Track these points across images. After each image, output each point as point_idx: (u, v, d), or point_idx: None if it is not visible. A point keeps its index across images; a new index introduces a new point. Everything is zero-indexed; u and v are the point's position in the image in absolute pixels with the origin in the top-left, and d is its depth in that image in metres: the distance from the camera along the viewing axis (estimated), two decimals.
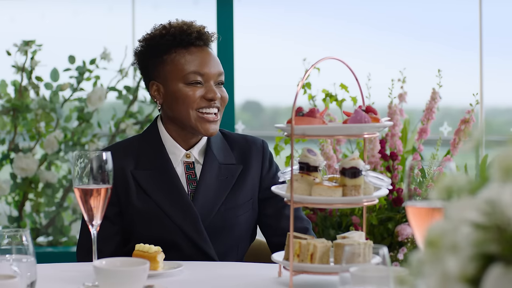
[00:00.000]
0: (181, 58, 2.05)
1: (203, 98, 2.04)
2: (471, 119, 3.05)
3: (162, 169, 2.06)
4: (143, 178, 2.05)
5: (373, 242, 1.62)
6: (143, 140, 2.11)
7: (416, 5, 4.14)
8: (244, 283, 1.72)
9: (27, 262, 1.44)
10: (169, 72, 2.05)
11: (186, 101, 2.03)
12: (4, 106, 3.80)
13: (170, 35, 2.05)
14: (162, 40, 2.06)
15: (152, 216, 2.02)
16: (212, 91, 2.04)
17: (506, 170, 0.85)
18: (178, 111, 2.04)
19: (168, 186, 2.04)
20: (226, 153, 2.12)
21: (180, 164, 2.09)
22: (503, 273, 0.80)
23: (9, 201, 3.85)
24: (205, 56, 2.06)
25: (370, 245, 1.51)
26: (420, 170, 1.51)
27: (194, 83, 2.04)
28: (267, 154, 2.16)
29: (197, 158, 2.10)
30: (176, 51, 2.05)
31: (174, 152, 2.08)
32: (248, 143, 2.15)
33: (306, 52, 3.45)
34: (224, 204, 2.06)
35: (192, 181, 2.08)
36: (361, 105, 1.69)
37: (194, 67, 2.04)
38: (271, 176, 2.14)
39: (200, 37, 2.07)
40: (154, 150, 2.08)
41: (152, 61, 2.08)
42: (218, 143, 2.12)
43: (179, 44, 2.05)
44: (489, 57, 3.62)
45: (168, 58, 2.05)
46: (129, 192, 2.04)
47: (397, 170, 3.04)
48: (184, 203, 2.03)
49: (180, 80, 2.04)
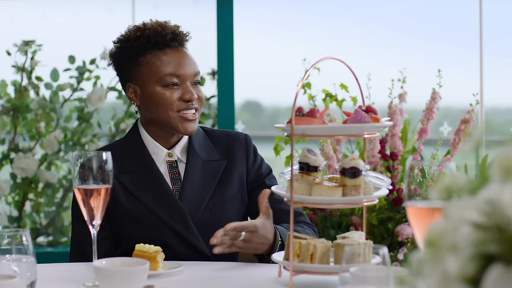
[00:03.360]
0: (156, 60, 2.05)
1: (181, 99, 2.05)
2: (471, 119, 3.05)
3: (146, 170, 2.08)
4: (128, 180, 2.06)
5: (373, 242, 1.62)
6: (125, 144, 2.13)
7: (416, 5, 4.14)
8: (244, 283, 1.73)
9: (27, 262, 1.44)
10: (145, 74, 2.06)
11: (164, 103, 2.04)
12: (4, 106, 3.80)
13: (145, 36, 2.06)
14: (137, 42, 2.07)
15: (141, 217, 2.04)
16: (189, 92, 2.05)
17: (506, 170, 0.85)
18: (157, 113, 2.06)
19: (153, 186, 2.06)
20: (209, 149, 2.14)
21: (163, 164, 2.10)
22: (503, 273, 0.80)
23: (9, 201, 3.85)
24: (180, 57, 2.07)
25: (370, 245, 1.51)
26: (420, 170, 1.51)
27: (171, 85, 2.05)
28: (251, 147, 2.18)
29: (180, 157, 2.11)
30: (152, 53, 2.06)
31: (156, 152, 2.10)
32: (231, 138, 2.18)
33: (306, 52, 3.45)
34: (211, 200, 2.08)
35: (176, 180, 2.09)
36: (361, 105, 1.69)
37: (170, 69, 2.05)
38: (257, 167, 2.17)
39: (175, 38, 2.08)
40: (137, 152, 2.10)
41: (127, 63, 2.09)
42: (200, 141, 2.14)
43: (154, 46, 2.06)
44: (489, 57, 3.62)
45: (143, 60, 2.06)
46: (116, 196, 2.05)
47: (397, 170, 3.04)
48: (170, 201, 2.05)
49: (156, 82, 2.05)
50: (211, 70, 3.84)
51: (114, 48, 2.11)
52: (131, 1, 4.22)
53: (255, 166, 2.17)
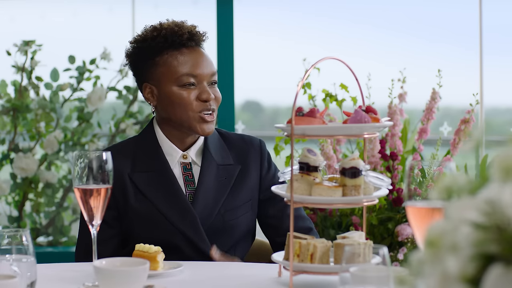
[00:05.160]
0: (173, 60, 2.04)
1: (198, 99, 2.03)
2: (471, 119, 3.05)
3: (160, 170, 2.06)
4: (140, 180, 2.05)
5: (373, 242, 1.62)
6: (139, 142, 2.11)
7: (416, 5, 4.14)
8: (244, 283, 1.72)
9: (27, 262, 1.44)
10: (162, 74, 2.05)
11: (181, 104, 2.03)
12: (4, 106, 3.80)
13: (161, 36, 2.05)
14: (153, 42, 2.06)
15: (151, 218, 2.02)
16: (206, 92, 2.04)
17: (506, 170, 0.85)
18: (174, 113, 2.04)
19: (166, 188, 2.04)
20: (224, 153, 2.12)
21: (177, 165, 2.08)
22: (503, 273, 0.80)
23: (9, 201, 3.85)
24: (197, 57, 2.06)
25: (370, 245, 1.51)
26: (420, 170, 1.51)
27: (188, 85, 2.04)
28: (265, 154, 2.15)
29: (194, 159, 2.09)
30: (168, 53, 2.05)
31: (171, 153, 2.08)
32: (245, 144, 2.15)
33: (306, 52, 3.45)
34: (223, 206, 2.06)
35: (189, 182, 2.07)
36: (361, 105, 1.68)
37: (186, 69, 2.04)
38: (271, 176, 2.14)
39: (191, 37, 2.07)
40: (151, 152, 2.08)
41: (144, 63, 2.08)
42: (215, 144, 2.12)
43: (170, 45, 2.05)
44: (489, 57, 3.62)
45: (160, 60, 2.05)
46: (127, 195, 2.03)
47: (397, 170, 3.04)
48: (182, 204, 2.03)
49: (173, 82, 2.04)
50: None
51: (131, 48, 2.10)
52: (131, 1, 4.22)
53: (269, 175, 2.14)
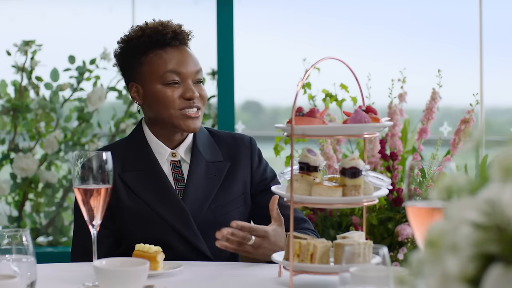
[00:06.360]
0: (157, 58, 2.06)
1: (182, 97, 2.05)
2: (471, 119, 3.05)
3: (149, 169, 2.08)
4: (131, 179, 2.07)
5: (373, 242, 1.62)
6: (128, 142, 2.14)
7: (416, 5, 4.13)
8: (244, 283, 1.73)
9: (27, 262, 1.44)
10: (147, 73, 2.07)
11: (165, 102, 2.04)
12: (4, 106, 3.80)
13: (146, 36, 2.07)
14: (138, 42, 2.07)
15: (143, 216, 2.04)
16: (190, 90, 2.05)
17: (506, 170, 0.85)
18: (159, 111, 2.06)
19: (156, 185, 2.06)
20: (213, 150, 2.13)
21: (166, 163, 2.10)
22: (503, 273, 0.80)
23: (9, 201, 3.85)
24: (181, 55, 2.07)
25: (370, 245, 1.51)
26: (420, 170, 1.51)
27: (172, 83, 2.05)
28: (256, 150, 2.18)
29: (183, 157, 2.11)
30: (153, 51, 2.07)
31: (160, 151, 2.10)
32: (235, 141, 2.17)
33: (306, 52, 3.45)
34: (214, 201, 2.08)
35: (179, 179, 2.09)
36: (361, 105, 1.69)
37: (170, 67, 2.05)
38: (262, 171, 2.16)
39: (175, 36, 2.08)
40: (140, 151, 2.10)
41: (130, 63, 2.10)
42: (204, 141, 2.14)
43: (155, 44, 2.07)
44: (489, 57, 3.62)
45: (145, 59, 2.07)
46: (118, 195, 2.05)
47: (397, 170, 3.03)
48: (173, 201, 2.04)
49: (157, 80, 2.05)
50: (211, 70, 3.84)
51: (118, 48, 2.12)
52: (131, 1, 4.22)
53: (259, 169, 2.16)
